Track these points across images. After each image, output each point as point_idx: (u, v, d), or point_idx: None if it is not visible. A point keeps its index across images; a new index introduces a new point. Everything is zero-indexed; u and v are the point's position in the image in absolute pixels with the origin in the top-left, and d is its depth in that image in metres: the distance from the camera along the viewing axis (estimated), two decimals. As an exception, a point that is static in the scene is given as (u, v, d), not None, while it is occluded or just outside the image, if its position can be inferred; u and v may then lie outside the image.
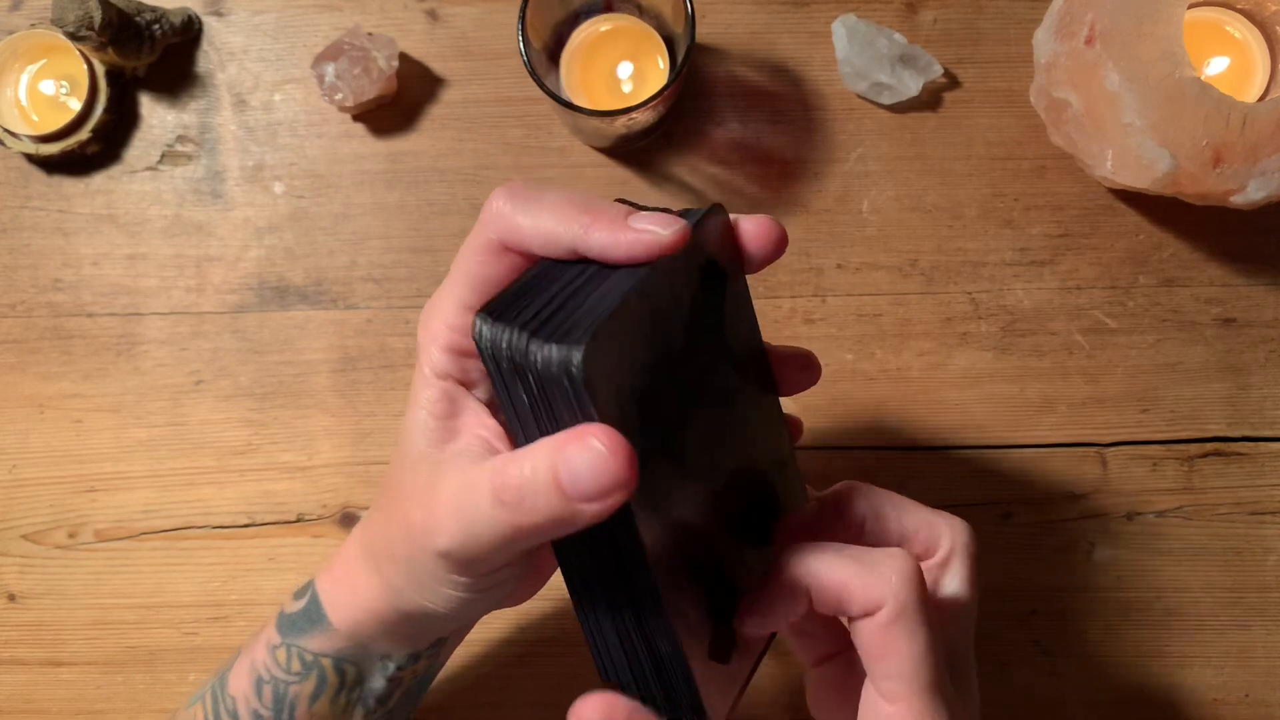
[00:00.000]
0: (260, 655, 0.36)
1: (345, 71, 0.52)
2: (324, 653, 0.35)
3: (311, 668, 0.35)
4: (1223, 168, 0.46)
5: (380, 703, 0.36)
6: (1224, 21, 0.52)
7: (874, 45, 0.53)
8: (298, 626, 0.36)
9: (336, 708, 0.36)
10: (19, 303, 0.54)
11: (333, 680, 0.35)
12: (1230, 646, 0.53)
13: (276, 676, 0.36)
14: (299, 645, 0.35)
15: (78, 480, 0.54)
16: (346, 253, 0.54)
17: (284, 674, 0.36)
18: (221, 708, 0.37)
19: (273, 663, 0.36)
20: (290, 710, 0.36)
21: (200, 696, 0.38)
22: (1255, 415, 0.54)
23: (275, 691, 0.36)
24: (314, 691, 0.35)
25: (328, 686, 0.35)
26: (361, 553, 0.34)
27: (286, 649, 0.36)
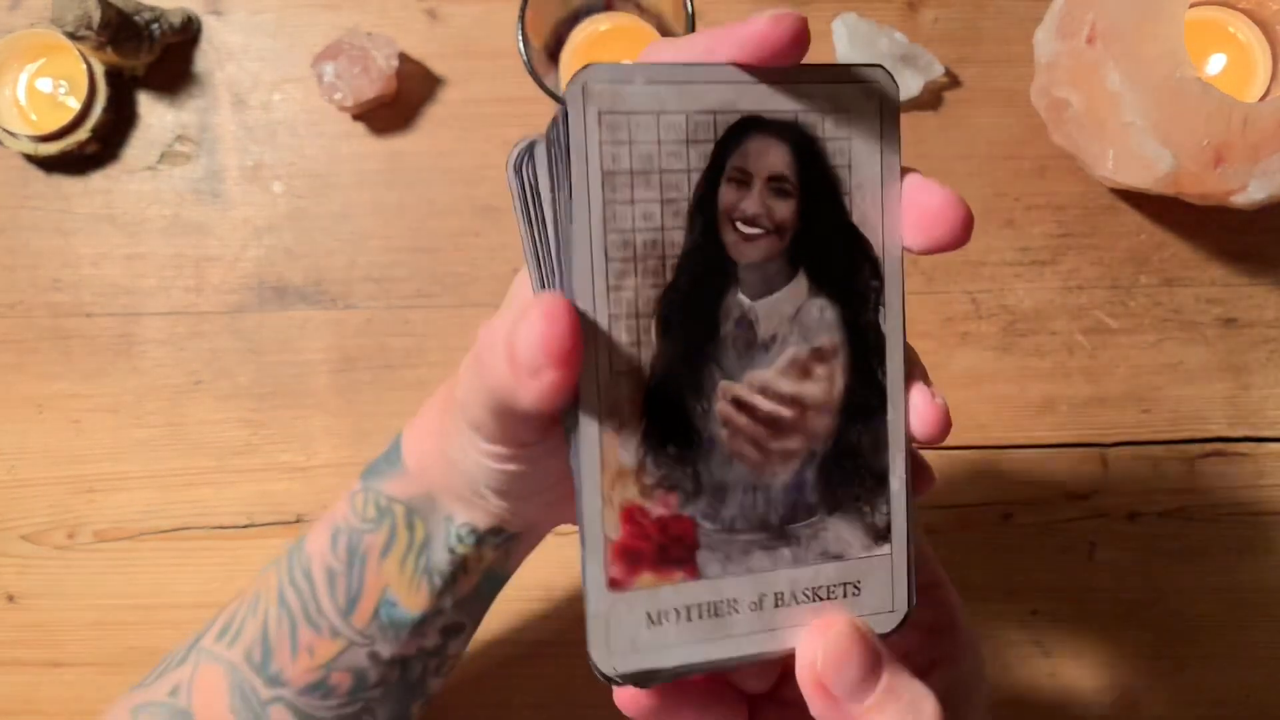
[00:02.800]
0: (341, 508, 0.37)
1: (345, 71, 0.52)
2: (396, 498, 0.35)
3: (385, 514, 0.35)
4: (1224, 167, 0.46)
5: (446, 583, 0.35)
6: (1225, 21, 0.52)
7: (875, 44, 0.53)
8: (377, 469, 0.36)
9: (405, 572, 0.35)
10: (18, 302, 0.54)
11: (402, 534, 0.35)
12: (1232, 647, 0.53)
13: (352, 525, 0.36)
14: (376, 488, 0.36)
15: (77, 481, 0.54)
16: (346, 252, 0.54)
17: (359, 521, 0.36)
18: (296, 566, 0.37)
19: (350, 511, 0.36)
20: (362, 562, 0.35)
21: (275, 561, 0.38)
22: (1256, 415, 0.53)
23: (349, 542, 0.36)
24: (385, 544, 0.35)
25: (397, 541, 0.35)
26: (443, 393, 0.34)
27: (365, 493, 0.36)
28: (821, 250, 0.26)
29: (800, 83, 0.25)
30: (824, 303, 0.26)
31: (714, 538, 0.25)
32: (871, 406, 0.26)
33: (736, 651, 0.26)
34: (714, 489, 0.25)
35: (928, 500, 0.41)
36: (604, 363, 0.25)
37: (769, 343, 0.26)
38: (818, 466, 0.26)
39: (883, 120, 0.26)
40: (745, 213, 0.25)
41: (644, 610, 0.25)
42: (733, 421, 0.25)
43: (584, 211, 0.24)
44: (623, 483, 0.25)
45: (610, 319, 0.24)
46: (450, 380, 0.34)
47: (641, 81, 0.24)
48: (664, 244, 0.25)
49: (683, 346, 0.25)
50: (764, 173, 0.25)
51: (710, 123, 0.25)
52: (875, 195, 0.26)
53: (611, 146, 0.24)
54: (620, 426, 0.25)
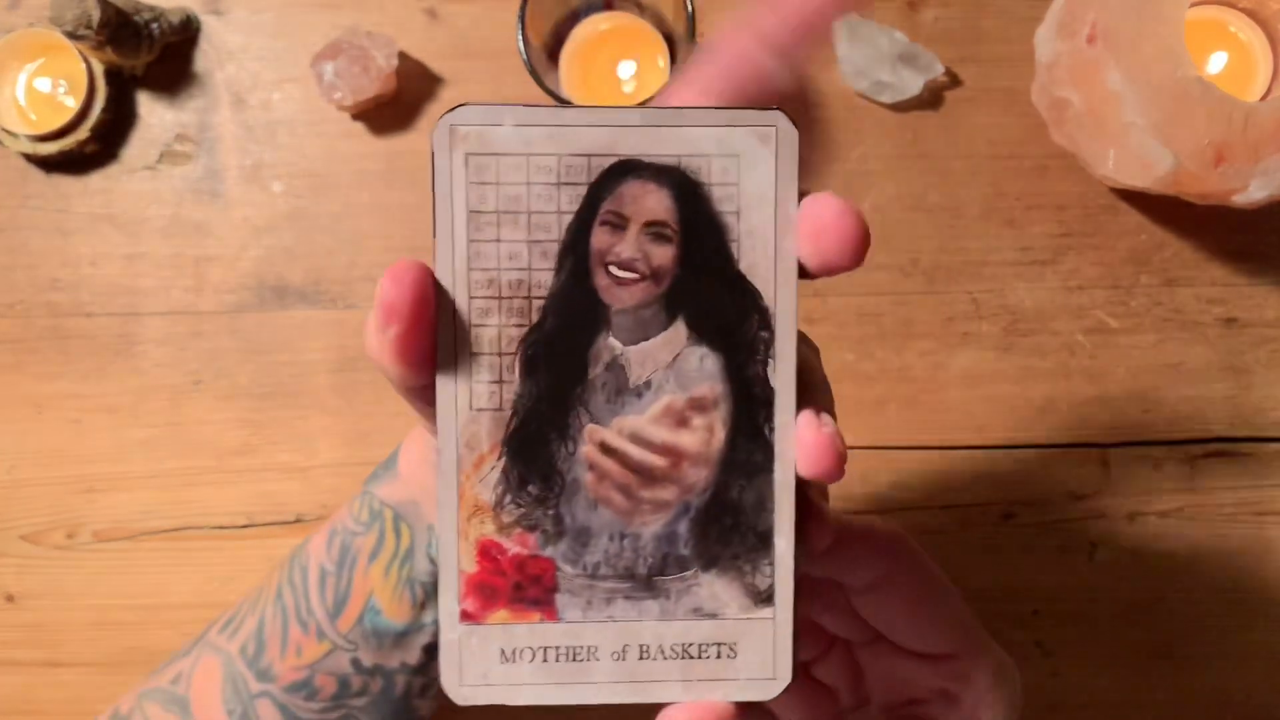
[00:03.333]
0: (342, 511, 0.38)
1: (344, 70, 0.52)
2: (388, 501, 0.36)
3: (376, 518, 0.36)
4: (1225, 167, 0.46)
5: (427, 594, 0.36)
6: (1226, 20, 0.52)
7: (875, 44, 0.53)
8: (376, 473, 0.37)
9: (389, 580, 0.36)
10: (17, 302, 0.54)
11: (390, 539, 0.35)
12: (1232, 647, 0.53)
13: (347, 527, 0.37)
14: (372, 491, 0.37)
15: (76, 481, 0.54)
16: (345, 252, 0.54)
17: (354, 523, 0.36)
18: (296, 564, 0.38)
19: (348, 513, 0.37)
20: (352, 565, 0.36)
21: (281, 561, 0.39)
22: (1257, 415, 0.53)
23: (343, 543, 0.36)
24: (374, 548, 0.36)
25: (384, 546, 0.36)
26: None
27: (363, 496, 0.37)
28: (703, 298, 0.25)
29: (686, 126, 0.24)
30: (704, 351, 0.25)
31: (575, 582, 0.25)
32: (755, 462, 0.25)
33: (595, 698, 0.25)
34: (576, 533, 0.25)
35: (928, 500, 0.41)
36: (463, 398, 0.25)
37: (642, 389, 0.25)
38: (692, 519, 0.25)
39: (778, 166, 0.25)
40: (619, 256, 0.25)
41: (498, 646, 0.25)
42: (599, 466, 0.25)
43: (447, 249, 0.24)
44: (480, 518, 0.25)
45: (472, 356, 0.24)
46: None
47: (510, 124, 0.24)
48: (530, 284, 0.25)
49: (548, 387, 0.25)
50: (641, 217, 0.25)
51: (585, 165, 0.24)
52: (767, 244, 0.25)
53: (478, 187, 0.24)
54: (478, 462, 0.25)
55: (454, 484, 0.25)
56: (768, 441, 0.25)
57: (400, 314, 0.23)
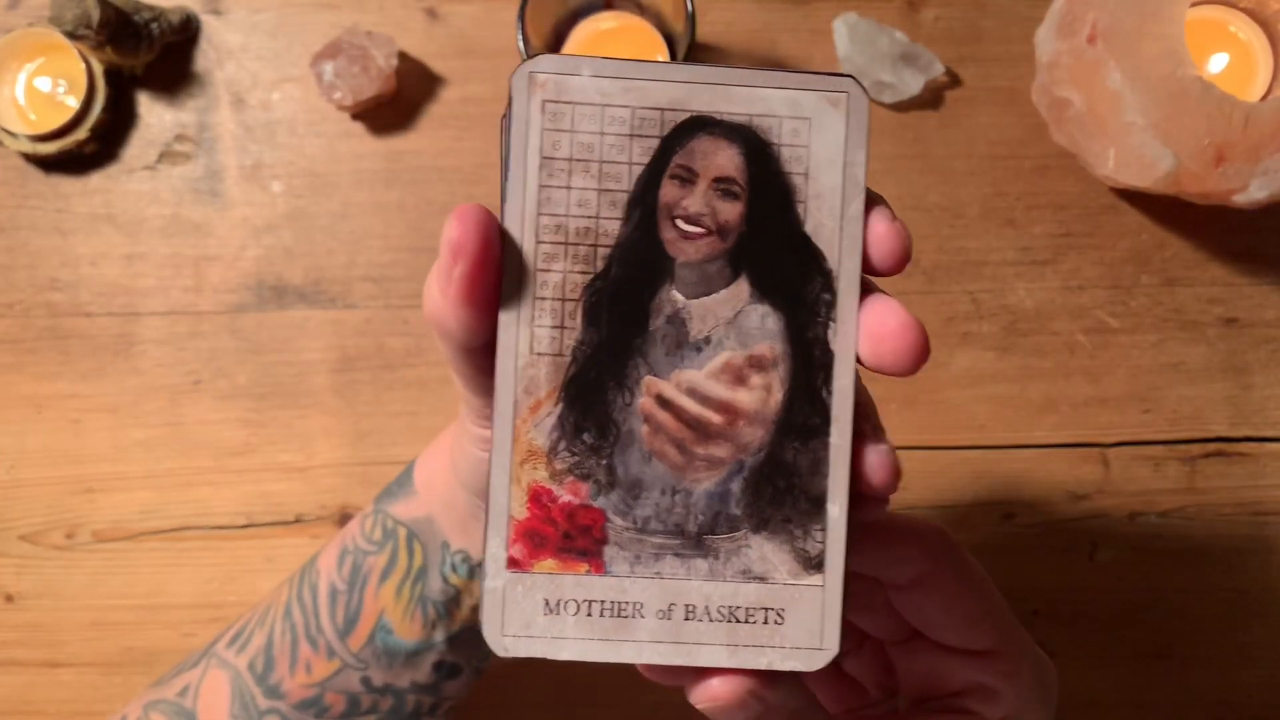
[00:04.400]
0: (353, 528, 0.37)
1: (344, 70, 0.51)
2: (402, 520, 0.35)
3: (390, 537, 0.35)
4: (1225, 167, 0.46)
5: (439, 614, 0.36)
6: (1226, 20, 0.52)
7: (875, 43, 0.53)
8: (389, 492, 0.37)
9: (401, 599, 0.35)
10: (16, 302, 0.54)
11: (403, 557, 0.35)
12: (1233, 648, 0.53)
13: (359, 546, 0.36)
14: (385, 510, 0.36)
15: (75, 481, 0.54)
16: (345, 252, 0.54)
17: (366, 543, 0.36)
18: (306, 582, 0.37)
19: (360, 532, 0.36)
20: (363, 584, 0.36)
21: (290, 577, 0.39)
22: (1258, 415, 0.53)
23: (354, 562, 0.36)
24: (386, 566, 0.35)
25: (397, 565, 0.35)
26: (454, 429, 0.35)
27: (375, 515, 0.36)
28: (768, 257, 0.25)
29: (759, 86, 0.25)
30: (766, 310, 0.25)
31: (624, 535, 0.25)
32: (812, 425, 0.25)
33: (636, 657, 0.25)
34: (629, 485, 0.25)
35: (928, 500, 0.40)
36: (524, 341, 0.25)
37: (701, 343, 0.25)
38: (745, 479, 0.25)
39: (849, 131, 0.25)
40: (686, 210, 0.25)
41: (542, 596, 0.25)
42: (654, 418, 0.25)
43: (518, 192, 0.24)
44: (533, 463, 0.25)
45: (535, 300, 0.25)
46: None
47: (588, 74, 0.24)
48: (597, 232, 0.25)
49: (608, 336, 0.25)
50: (710, 173, 0.25)
51: (658, 119, 0.25)
52: (834, 207, 0.25)
53: (552, 134, 0.25)
54: (535, 407, 0.25)
55: (509, 427, 0.25)
56: (825, 405, 0.25)
57: (467, 251, 0.23)
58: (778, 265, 0.25)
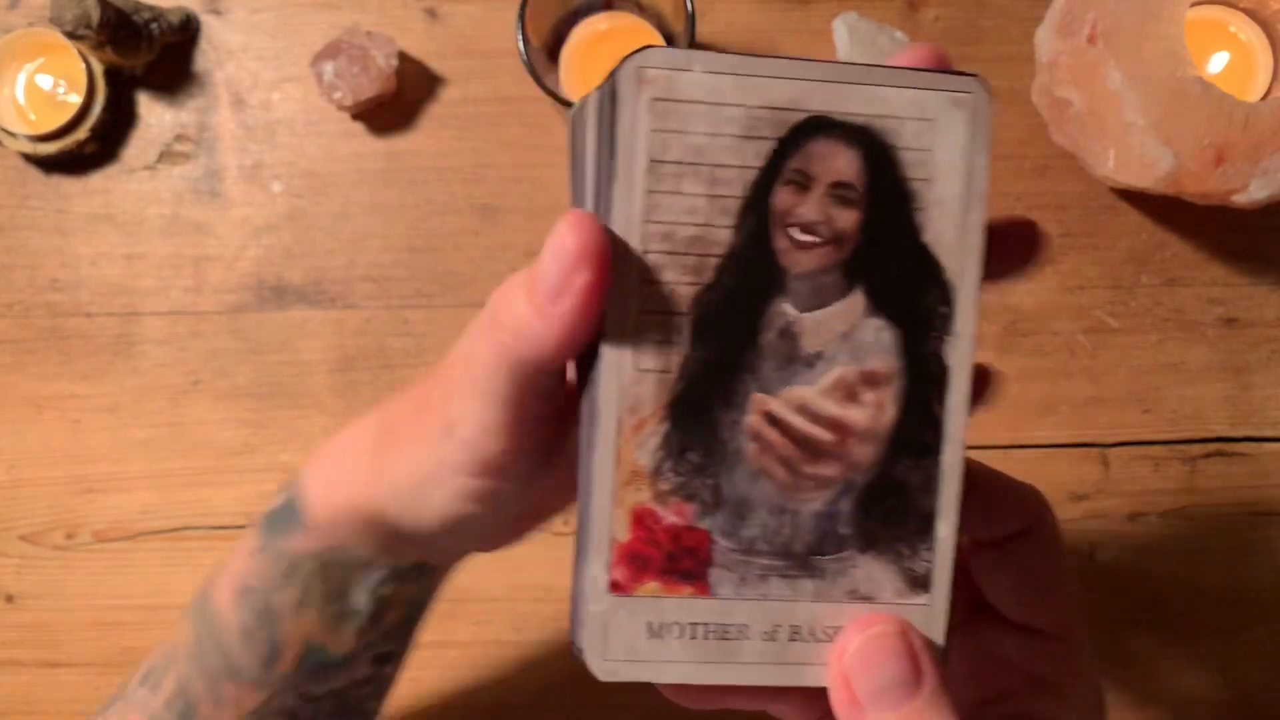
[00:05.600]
0: (244, 564, 0.33)
1: (344, 70, 0.51)
2: (304, 553, 0.32)
3: (294, 572, 0.32)
4: (1225, 167, 0.46)
5: (372, 622, 0.33)
6: (1226, 20, 0.52)
7: (875, 44, 0.53)
8: (278, 524, 0.32)
9: (324, 619, 0.33)
10: (16, 303, 0.54)
11: (317, 589, 0.32)
12: (1233, 648, 0.53)
13: (259, 585, 0.33)
14: (279, 546, 0.32)
15: (75, 481, 0.54)
16: (345, 252, 0.54)
17: (267, 581, 0.32)
18: (205, 625, 0.34)
19: (254, 569, 0.33)
20: (276, 619, 0.33)
21: (185, 612, 0.36)
22: (1258, 415, 0.53)
23: (260, 601, 0.33)
24: (299, 599, 0.32)
25: (311, 596, 0.32)
26: (365, 437, 0.31)
27: (267, 552, 0.33)
28: (885, 268, 0.24)
29: (880, 85, 0.23)
30: (882, 324, 0.24)
31: (730, 557, 0.24)
32: (925, 443, 0.24)
33: (741, 680, 0.24)
34: (735, 505, 0.24)
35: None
36: (628, 357, 0.23)
37: (813, 359, 0.24)
38: (855, 498, 0.24)
39: (973, 134, 0.24)
40: (802, 219, 0.23)
41: (645, 619, 0.24)
42: (763, 437, 0.24)
43: (624, 200, 0.23)
44: (637, 484, 0.24)
45: (641, 313, 0.23)
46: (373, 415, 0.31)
47: (700, 70, 0.23)
48: (708, 242, 0.23)
49: (717, 351, 0.23)
50: (827, 178, 0.23)
51: (773, 119, 0.23)
52: (955, 215, 0.24)
53: (661, 135, 0.23)
54: (640, 425, 0.23)
55: (612, 448, 0.23)
56: (937, 421, 0.24)
57: (592, 261, 0.22)
58: (895, 277, 0.24)
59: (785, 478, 0.24)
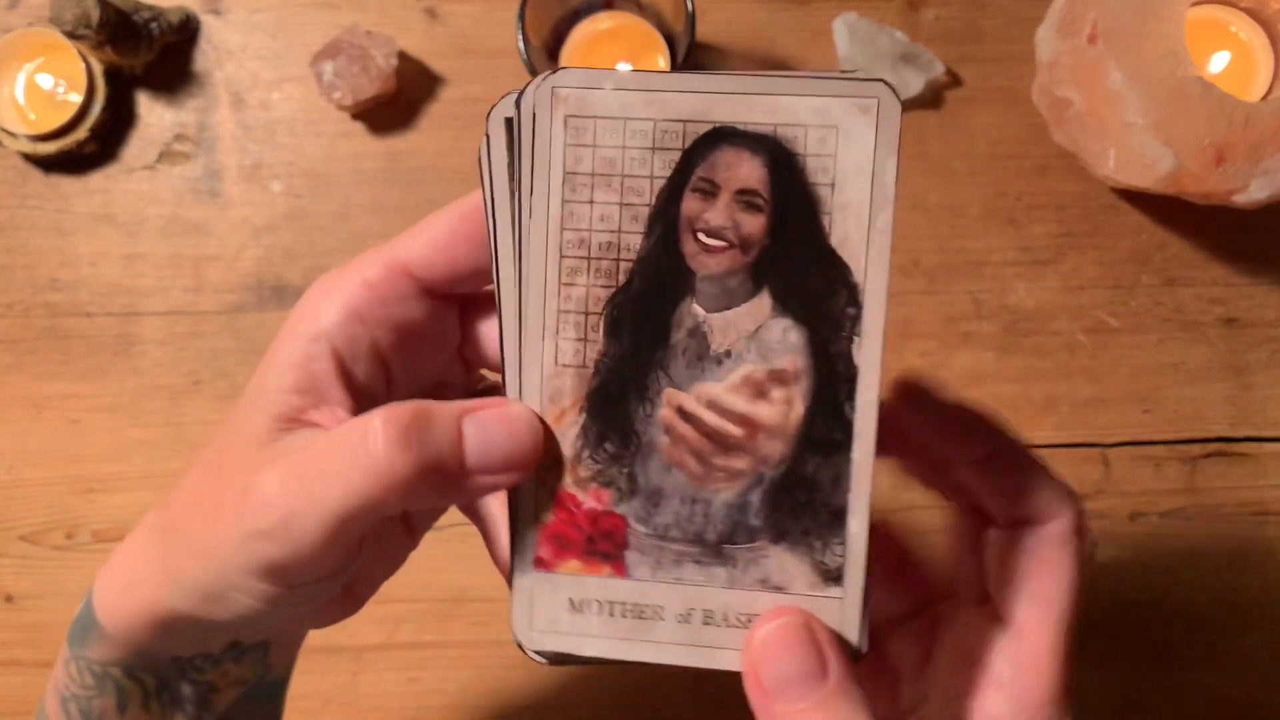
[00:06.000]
0: (60, 671, 0.33)
1: (344, 70, 0.51)
2: (109, 661, 0.31)
3: (104, 679, 0.31)
4: (1225, 167, 0.46)
5: (201, 707, 0.33)
6: (1227, 20, 0.52)
7: (875, 43, 0.53)
8: (77, 634, 0.32)
9: (152, 716, 0.32)
10: (16, 303, 0.54)
11: (132, 691, 0.32)
12: (1233, 648, 0.53)
13: (76, 693, 0.32)
14: (83, 655, 0.32)
15: (75, 481, 0.54)
16: (345, 252, 0.54)
17: (81, 689, 0.32)
18: None
19: (69, 678, 0.32)
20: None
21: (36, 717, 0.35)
22: (1258, 415, 0.53)
23: (81, 709, 0.32)
24: (118, 704, 0.32)
25: (130, 699, 0.32)
26: (150, 538, 0.30)
27: (75, 662, 0.32)
28: (791, 270, 0.25)
29: (783, 94, 0.24)
30: (789, 324, 0.25)
31: (645, 541, 0.25)
32: (834, 440, 0.25)
33: (657, 658, 0.25)
34: (649, 493, 0.25)
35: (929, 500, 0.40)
36: (549, 354, 0.25)
37: (722, 357, 0.25)
38: (765, 491, 0.25)
39: (878, 139, 0.24)
40: (708, 224, 0.25)
41: (567, 595, 0.25)
42: (674, 429, 0.25)
43: (542, 208, 0.25)
44: (558, 470, 0.25)
45: (559, 314, 0.25)
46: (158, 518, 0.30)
47: (610, 87, 0.24)
48: (620, 247, 0.25)
49: (630, 349, 0.25)
50: (733, 185, 0.24)
51: (680, 131, 0.24)
52: (861, 218, 0.24)
53: (575, 149, 0.25)
54: (560, 416, 0.25)
55: None
56: (847, 420, 0.25)
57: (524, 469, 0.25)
58: (802, 278, 0.25)
59: (696, 469, 0.25)
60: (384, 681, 0.53)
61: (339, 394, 0.27)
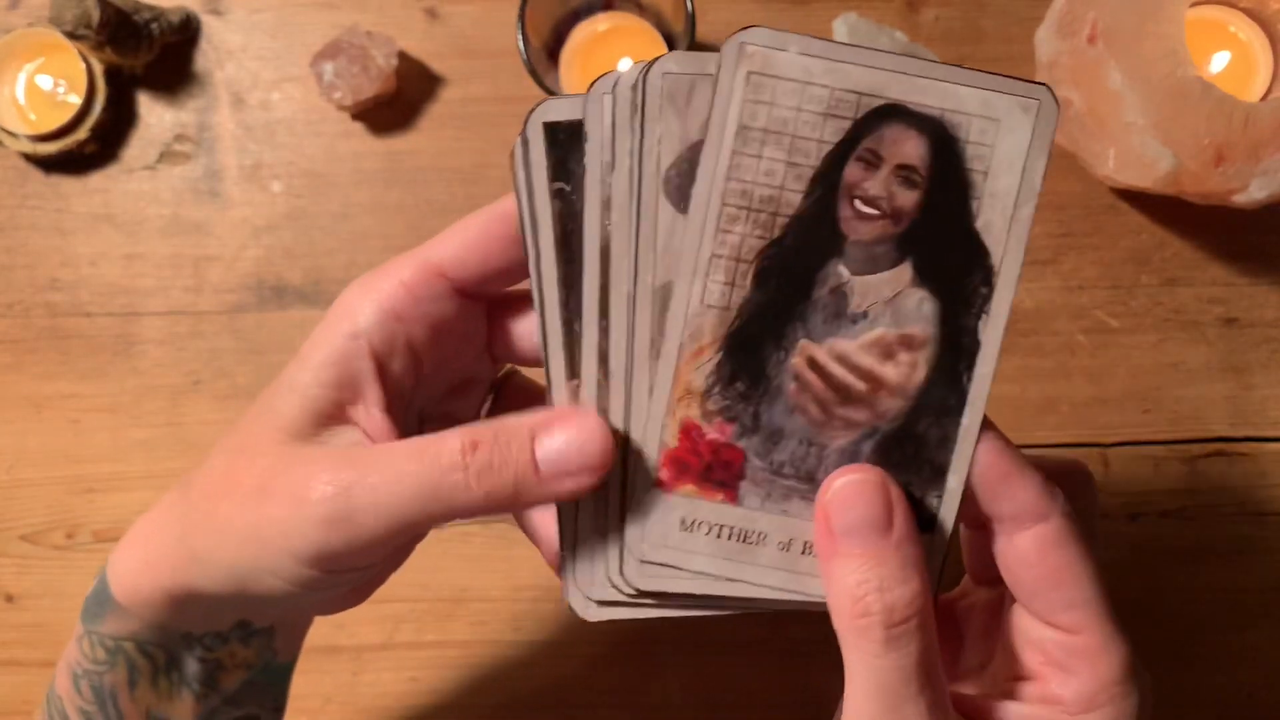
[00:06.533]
0: (72, 648, 0.34)
1: (344, 70, 0.51)
2: (122, 636, 0.32)
3: (116, 654, 0.33)
4: (1225, 167, 0.46)
5: (208, 686, 0.34)
6: (1226, 20, 0.52)
7: (875, 43, 0.53)
8: (91, 610, 0.33)
9: (160, 693, 0.33)
10: (16, 302, 0.54)
11: (143, 665, 0.33)
12: (1233, 648, 0.53)
13: (87, 668, 0.33)
14: (96, 631, 0.33)
15: (75, 481, 0.54)
16: (345, 252, 0.54)
17: (93, 665, 0.33)
18: (54, 709, 0.35)
19: (81, 654, 0.33)
20: (112, 699, 0.33)
21: (41, 704, 0.36)
22: (1258, 415, 0.53)
23: (92, 684, 0.33)
24: (128, 679, 0.33)
25: (140, 673, 0.33)
26: (169, 517, 0.31)
27: (89, 637, 0.33)
28: (935, 246, 0.26)
29: (954, 83, 0.26)
30: (924, 295, 0.27)
31: (759, 474, 0.27)
32: (948, 405, 0.27)
33: (754, 578, 0.27)
34: (770, 432, 0.27)
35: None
36: (697, 292, 0.26)
37: (858, 317, 0.27)
38: (877, 442, 0.27)
39: (1033, 138, 0.26)
40: (867, 192, 0.26)
41: (680, 514, 0.27)
42: (803, 377, 0.27)
43: (712, 156, 0.26)
44: (688, 401, 0.27)
45: (712, 257, 0.26)
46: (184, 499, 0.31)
47: (795, 51, 0.26)
48: (780, 202, 0.26)
49: (774, 299, 0.26)
50: (895, 159, 0.26)
51: (854, 102, 0.26)
52: (1007, 208, 0.26)
53: (753, 105, 0.26)
54: (698, 352, 0.27)
55: (673, 367, 0.27)
56: (963, 388, 0.27)
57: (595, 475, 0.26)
58: (943, 255, 0.26)
59: (818, 415, 0.27)
60: (384, 681, 0.53)
61: (375, 390, 0.29)
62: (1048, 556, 0.27)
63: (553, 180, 0.27)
